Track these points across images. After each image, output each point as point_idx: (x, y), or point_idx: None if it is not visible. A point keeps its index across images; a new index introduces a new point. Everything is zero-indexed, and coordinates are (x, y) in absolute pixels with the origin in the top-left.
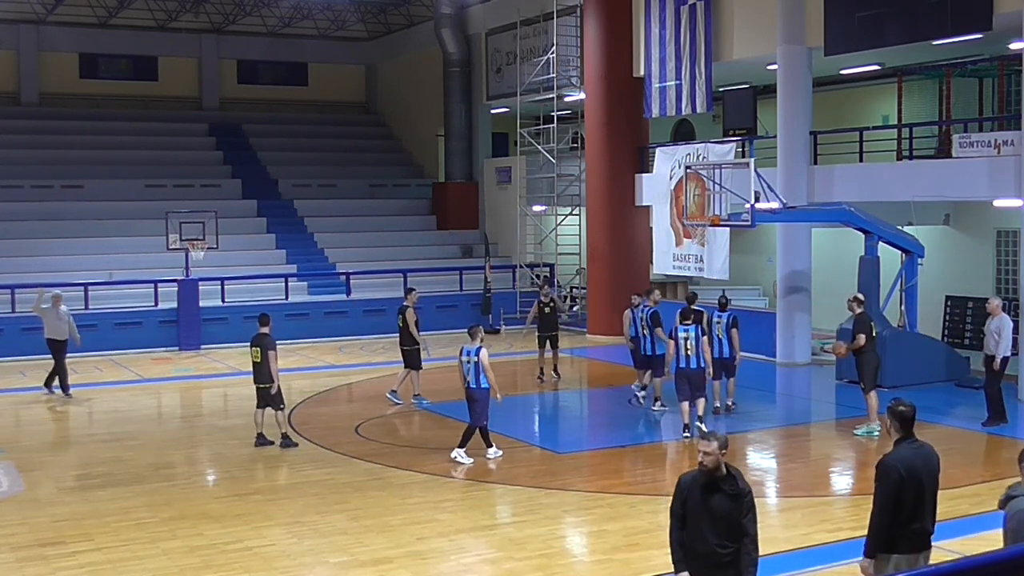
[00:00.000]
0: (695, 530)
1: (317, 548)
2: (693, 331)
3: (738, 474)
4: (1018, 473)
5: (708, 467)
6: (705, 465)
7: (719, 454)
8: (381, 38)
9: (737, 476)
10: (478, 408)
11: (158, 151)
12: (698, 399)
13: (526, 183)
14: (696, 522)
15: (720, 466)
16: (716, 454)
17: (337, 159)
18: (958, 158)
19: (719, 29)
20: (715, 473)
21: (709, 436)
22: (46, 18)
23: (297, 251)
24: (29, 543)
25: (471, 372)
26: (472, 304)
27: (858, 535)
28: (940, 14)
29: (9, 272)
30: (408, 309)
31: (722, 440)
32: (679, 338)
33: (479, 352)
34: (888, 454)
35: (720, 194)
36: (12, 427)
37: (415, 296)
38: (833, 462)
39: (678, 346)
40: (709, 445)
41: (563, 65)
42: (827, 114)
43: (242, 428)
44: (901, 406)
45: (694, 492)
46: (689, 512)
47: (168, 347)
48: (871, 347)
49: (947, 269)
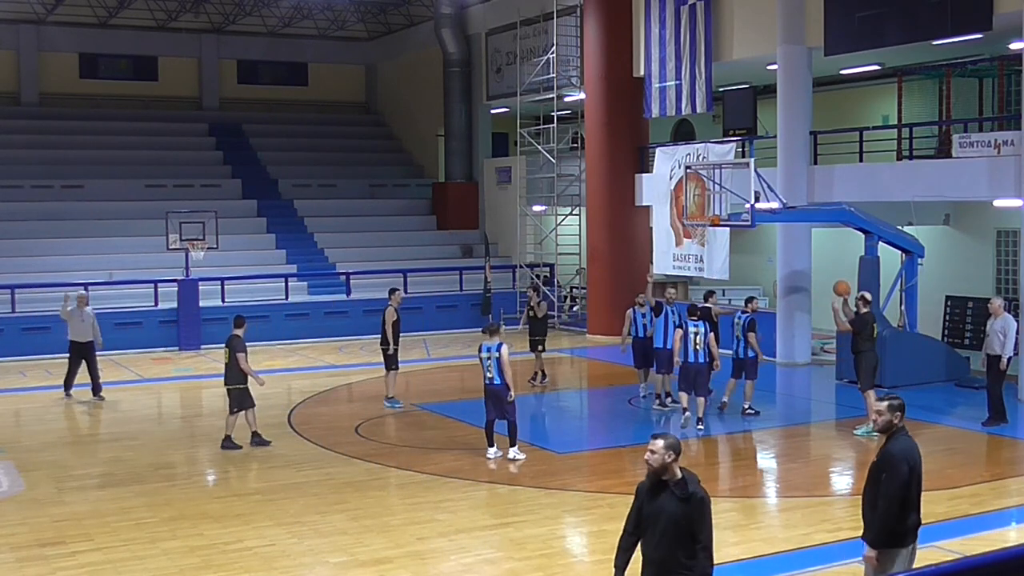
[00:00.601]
0: (648, 536)
1: (317, 548)
2: (703, 327)
3: (692, 479)
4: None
5: (653, 467)
6: (650, 465)
7: (664, 454)
8: (381, 38)
9: (689, 480)
10: (503, 404)
11: (158, 151)
12: (698, 397)
13: (526, 183)
14: (648, 527)
15: (668, 468)
16: (661, 454)
17: (337, 159)
18: (958, 158)
19: (719, 29)
20: (662, 475)
21: (658, 435)
22: (46, 18)
23: (297, 251)
24: (29, 543)
25: (493, 368)
26: (472, 304)
27: (858, 535)
28: (940, 14)
29: (9, 272)
30: (388, 309)
31: (671, 441)
32: (688, 333)
33: (500, 348)
34: (891, 445)
35: (720, 194)
36: (12, 427)
37: (398, 296)
38: (833, 462)
39: (687, 340)
40: (655, 444)
41: (563, 65)
42: (827, 114)
43: (242, 428)
44: (897, 399)
45: (647, 496)
46: (643, 517)
47: (168, 347)
48: (870, 347)
49: (947, 269)
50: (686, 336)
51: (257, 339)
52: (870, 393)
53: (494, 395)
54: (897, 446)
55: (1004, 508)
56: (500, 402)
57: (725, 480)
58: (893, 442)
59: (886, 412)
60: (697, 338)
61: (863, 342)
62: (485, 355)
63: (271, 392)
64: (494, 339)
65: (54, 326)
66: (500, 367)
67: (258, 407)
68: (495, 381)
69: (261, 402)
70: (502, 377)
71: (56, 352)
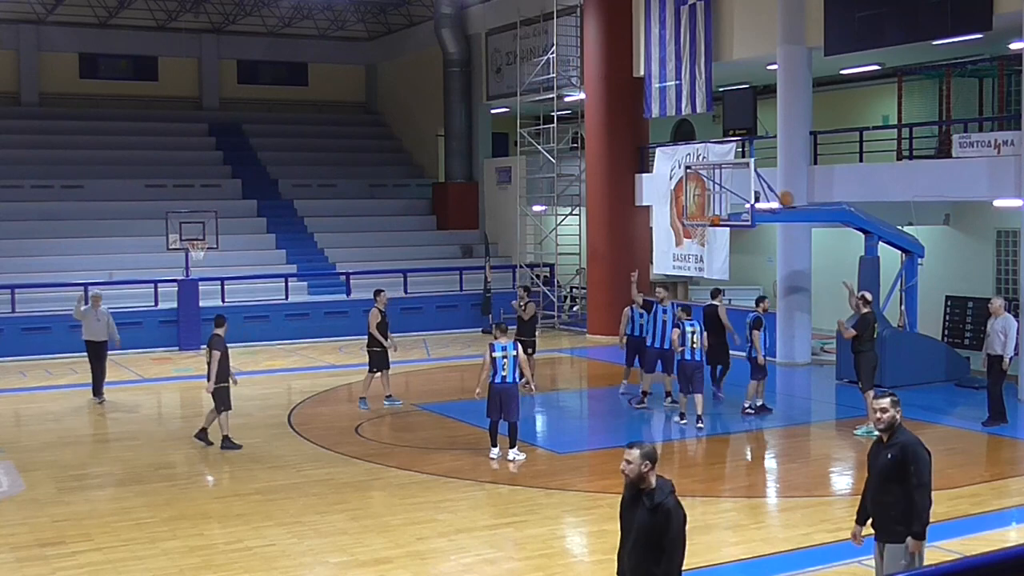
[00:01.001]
0: (623, 544)
1: (317, 548)
2: (699, 326)
3: (664, 487)
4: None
5: (629, 477)
6: (625, 475)
7: (640, 464)
8: (381, 38)
9: (660, 489)
10: (515, 404)
11: (158, 151)
12: (695, 395)
13: (526, 183)
14: (624, 535)
15: (643, 477)
16: (637, 464)
17: (337, 159)
18: (958, 158)
19: (719, 29)
20: (638, 484)
21: (634, 444)
22: (46, 18)
23: (297, 251)
24: (29, 543)
25: (507, 367)
26: (472, 304)
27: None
28: (940, 14)
29: (9, 272)
30: (372, 310)
31: (647, 450)
32: (686, 332)
33: (517, 347)
34: (903, 437)
35: (720, 194)
36: (12, 427)
37: (383, 297)
38: (833, 462)
39: (684, 339)
40: (631, 453)
41: (563, 65)
42: (827, 114)
43: (242, 428)
44: (895, 395)
45: (627, 505)
46: (622, 527)
47: (168, 347)
48: (870, 347)
49: (947, 269)
50: (684, 335)
51: (257, 339)
52: (870, 393)
53: (505, 394)
54: (909, 437)
55: (1004, 508)
56: (511, 401)
57: (725, 480)
58: (902, 435)
59: (891, 408)
60: (694, 337)
61: (864, 342)
62: (499, 354)
63: (271, 392)
64: (508, 338)
65: (54, 326)
66: (517, 365)
67: (258, 407)
68: (508, 380)
69: (261, 402)
70: (515, 376)
71: (56, 352)
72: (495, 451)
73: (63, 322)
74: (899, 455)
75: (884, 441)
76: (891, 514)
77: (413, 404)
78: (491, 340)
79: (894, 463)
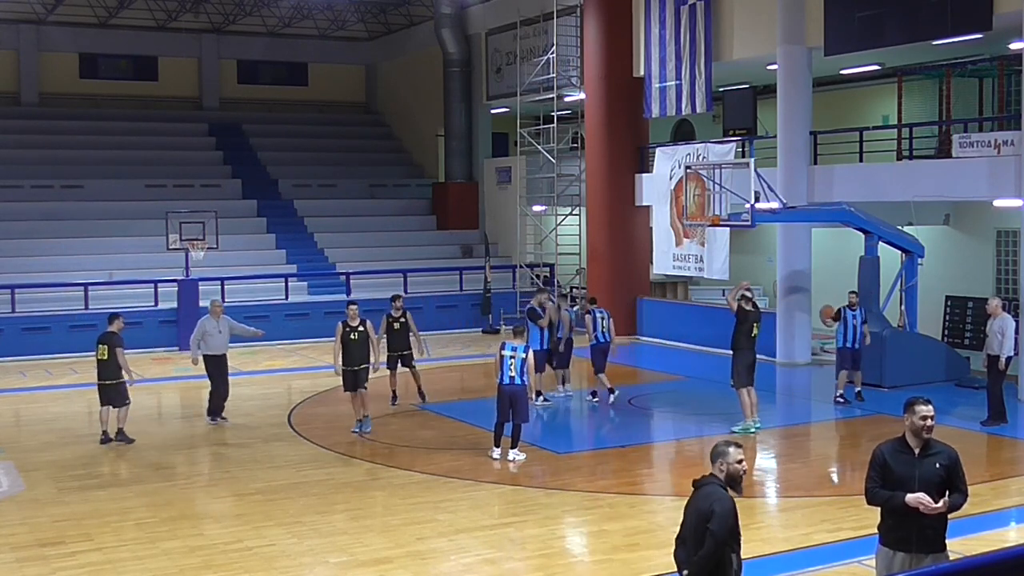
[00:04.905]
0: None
1: (317, 548)
2: (607, 313)
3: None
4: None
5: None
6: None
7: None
8: (381, 38)
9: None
10: (523, 405)
11: (158, 151)
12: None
13: (526, 183)
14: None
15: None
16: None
17: (337, 159)
18: (958, 158)
19: (719, 29)
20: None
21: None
22: (46, 18)
23: (297, 251)
24: (29, 543)
25: (516, 368)
26: (472, 304)
27: (858, 535)
28: (940, 14)
29: (9, 272)
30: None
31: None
32: (596, 319)
33: (527, 350)
34: (946, 445)
35: (720, 194)
36: (12, 427)
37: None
38: (833, 462)
39: (596, 324)
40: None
41: (563, 65)
42: (827, 114)
43: (242, 428)
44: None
45: None
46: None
47: (168, 347)
48: (749, 345)
49: (947, 269)
50: (595, 321)
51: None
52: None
53: (512, 395)
54: (946, 445)
55: (1004, 508)
56: (518, 402)
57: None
58: (937, 443)
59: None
60: (603, 323)
61: (741, 338)
62: (509, 353)
63: (271, 392)
64: (521, 340)
65: (54, 326)
66: (525, 368)
67: (258, 407)
68: (516, 381)
69: (262, 402)
70: (523, 378)
71: (56, 352)
72: (496, 451)
73: (63, 322)
74: (948, 464)
75: (919, 450)
76: (937, 524)
77: (413, 404)
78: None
79: (944, 472)
